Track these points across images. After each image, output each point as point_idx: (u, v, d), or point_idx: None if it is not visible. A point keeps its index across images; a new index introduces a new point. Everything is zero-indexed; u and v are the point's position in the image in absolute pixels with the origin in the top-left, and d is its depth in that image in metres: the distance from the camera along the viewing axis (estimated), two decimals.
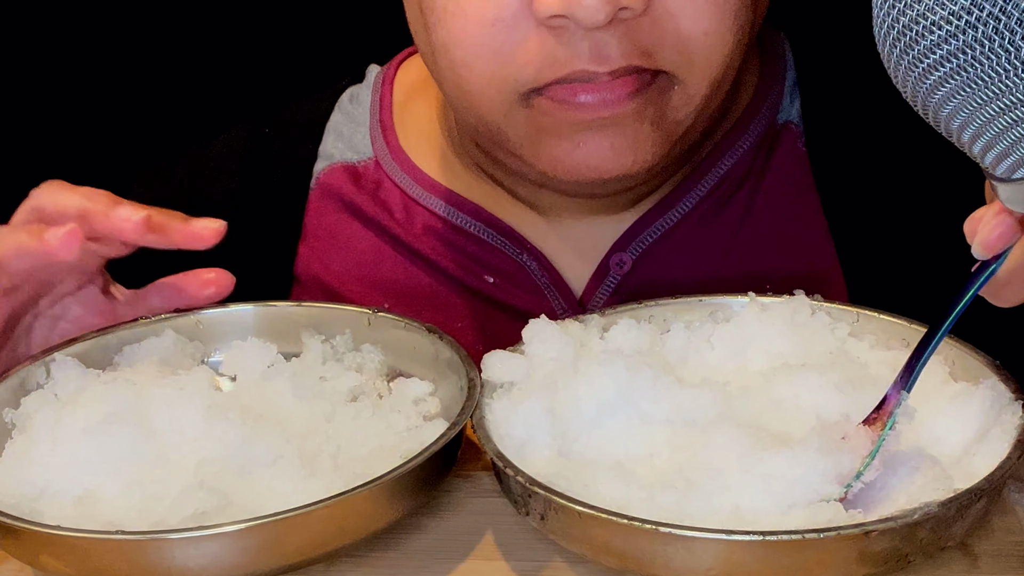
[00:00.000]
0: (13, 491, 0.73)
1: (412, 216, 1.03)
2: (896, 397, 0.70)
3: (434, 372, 0.82)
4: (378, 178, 1.05)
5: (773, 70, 1.01)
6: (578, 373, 0.75)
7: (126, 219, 0.81)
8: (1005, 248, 0.66)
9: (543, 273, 0.99)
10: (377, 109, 1.07)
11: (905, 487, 0.67)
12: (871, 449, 0.69)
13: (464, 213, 1.01)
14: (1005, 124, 0.62)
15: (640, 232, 0.98)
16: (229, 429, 0.74)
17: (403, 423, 0.78)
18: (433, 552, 0.74)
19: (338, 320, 0.86)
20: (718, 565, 0.64)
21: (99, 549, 0.67)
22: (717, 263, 0.96)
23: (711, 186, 0.98)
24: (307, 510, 0.67)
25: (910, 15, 0.63)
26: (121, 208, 0.82)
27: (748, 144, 0.99)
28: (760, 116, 1.00)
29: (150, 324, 0.86)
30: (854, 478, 0.68)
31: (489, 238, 1.01)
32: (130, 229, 0.82)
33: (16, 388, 0.81)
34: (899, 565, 0.64)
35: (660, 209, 0.98)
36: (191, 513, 0.69)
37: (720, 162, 0.98)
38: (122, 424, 0.74)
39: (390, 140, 1.05)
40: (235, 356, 0.84)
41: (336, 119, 1.08)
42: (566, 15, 0.81)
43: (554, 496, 0.67)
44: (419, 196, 1.03)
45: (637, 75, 0.85)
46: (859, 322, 0.81)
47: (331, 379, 0.83)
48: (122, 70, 1.68)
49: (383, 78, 1.09)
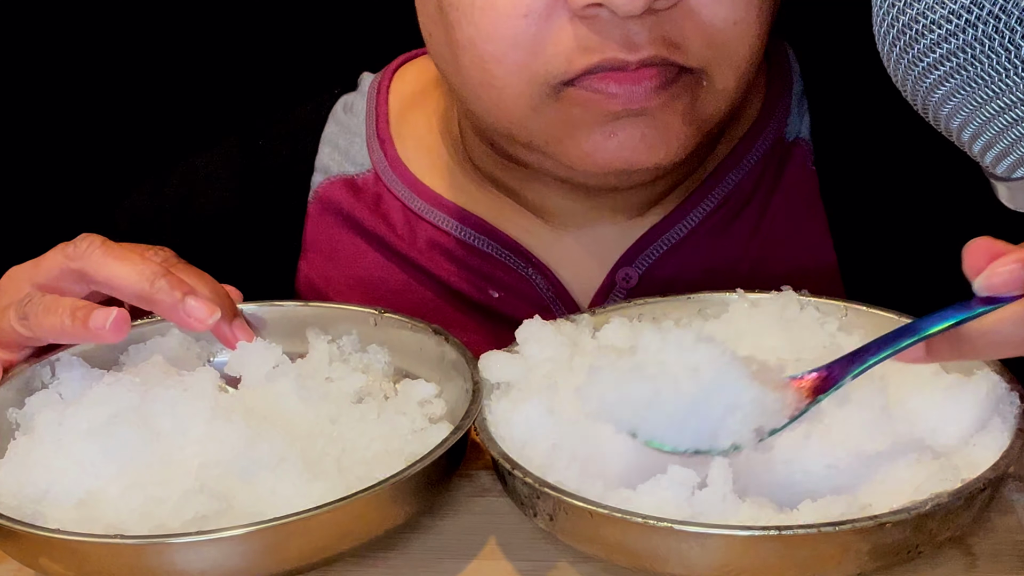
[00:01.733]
0: (16, 493, 0.72)
1: (415, 230, 1.01)
2: (841, 376, 0.70)
3: (440, 373, 0.82)
4: (378, 191, 1.03)
5: (780, 82, 1.01)
6: (575, 372, 0.76)
7: (200, 320, 0.80)
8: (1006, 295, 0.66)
9: (549, 287, 0.99)
10: (373, 119, 1.05)
11: (910, 478, 0.68)
12: (798, 411, 0.69)
13: (468, 227, 1.00)
14: (1004, 123, 0.63)
15: (646, 246, 0.97)
16: (233, 432, 0.74)
17: (408, 425, 0.78)
18: (433, 552, 0.74)
19: (344, 320, 0.86)
20: (733, 561, 0.64)
21: (98, 553, 0.67)
22: (724, 279, 0.96)
23: (719, 200, 0.98)
24: (308, 515, 0.67)
25: (910, 14, 0.63)
26: (194, 306, 0.80)
27: (756, 158, 0.99)
28: (768, 130, 0.99)
29: (156, 324, 0.85)
30: (768, 434, 0.68)
31: (494, 252, 1.00)
32: (199, 328, 0.81)
33: (21, 388, 0.81)
34: (909, 556, 0.65)
35: (667, 223, 0.98)
36: (192, 517, 0.69)
37: (728, 176, 0.98)
38: (125, 426, 0.74)
39: (388, 151, 1.04)
40: (240, 357, 0.83)
41: (330, 130, 1.06)
42: (603, 3, 0.80)
43: (565, 497, 0.67)
44: (421, 210, 1.01)
45: (665, 68, 0.84)
46: (847, 316, 0.82)
47: (337, 380, 0.82)
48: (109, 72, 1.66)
49: (378, 87, 1.07)
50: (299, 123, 1.08)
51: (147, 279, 0.80)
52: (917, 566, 0.69)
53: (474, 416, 0.75)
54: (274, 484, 0.72)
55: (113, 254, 0.81)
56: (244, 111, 1.14)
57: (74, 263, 0.81)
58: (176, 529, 0.68)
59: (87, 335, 0.79)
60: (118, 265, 0.81)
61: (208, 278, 0.84)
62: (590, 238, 0.99)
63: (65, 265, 0.82)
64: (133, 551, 0.66)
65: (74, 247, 0.82)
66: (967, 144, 0.66)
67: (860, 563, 0.64)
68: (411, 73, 1.07)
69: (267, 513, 0.67)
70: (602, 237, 0.99)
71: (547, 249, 1.00)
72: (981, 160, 0.66)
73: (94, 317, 0.78)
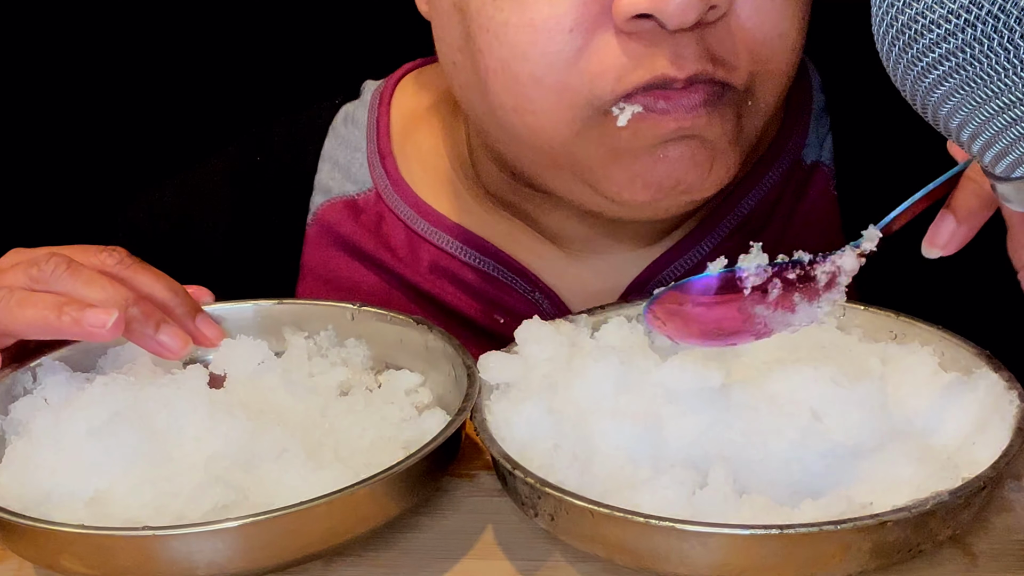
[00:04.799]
0: (19, 496, 0.72)
1: (417, 253, 0.99)
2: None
3: (423, 363, 0.83)
4: (379, 211, 1.01)
5: (798, 102, 0.98)
6: (574, 372, 0.76)
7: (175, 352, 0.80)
8: None
9: (556, 312, 0.96)
10: (375, 134, 1.02)
11: (910, 477, 0.68)
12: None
13: (473, 249, 0.98)
14: (1004, 123, 0.63)
15: (658, 272, 0.95)
16: (234, 425, 0.75)
17: (398, 414, 0.79)
18: (432, 551, 0.74)
19: (320, 316, 0.86)
20: (735, 559, 0.64)
21: (125, 546, 0.67)
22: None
23: (735, 225, 0.95)
24: (330, 498, 0.68)
25: (909, 13, 0.63)
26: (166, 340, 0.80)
27: (773, 181, 0.96)
28: (786, 153, 0.97)
29: None
30: None
31: (500, 275, 0.97)
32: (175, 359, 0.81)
33: (3, 395, 0.80)
34: (910, 555, 0.66)
35: (679, 249, 0.95)
36: (211, 507, 0.69)
37: (744, 201, 0.95)
38: (125, 424, 0.74)
39: (390, 169, 1.01)
40: (225, 354, 0.84)
41: (330, 145, 1.04)
42: (652, 14, 0.77)
43: (566, 497, 0.67)
44: (424, 231, 0.99)
45: (710, 85, 0.81)
46: (845, 315, 0.82)
47: (318, 375, 0.83)
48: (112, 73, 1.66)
49: (380, 99, 1.04)
50: (298, 137, 1.05)
51: (122, 307, 0.78)
52: (917, 565, 0.69)
53: (474, 398, 0.75)
54: (279, 475, 0.73)
55: (82, 279, 0.79)
56: (248, 113, 1.13)
57: (38, 286, 0.79)
58: (196, 520, 0.68)
59: (79, 332, 0.77)
60: (87, 291, 0.79)
61: (164, 277, 0.83)
62: (602, 264, 0.97)
63: (29, 287, 0.79)
64: (161, 542, 0.66)
65: (38, 269, 0.79)
66: (966, 143, 0.66)
67: (861, 562, 0.64)
68: (415, 85, 1.05)
69: (280, 502, 0.68)
70: (614, 263, 0.97)
71: (556, 274, 0.97)
72: (980, 159, 0.66)
73: (90, 315, 0.77)
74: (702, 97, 0.81)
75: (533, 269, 0.97)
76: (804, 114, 0.98)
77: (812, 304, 0.70)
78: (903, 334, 0.80)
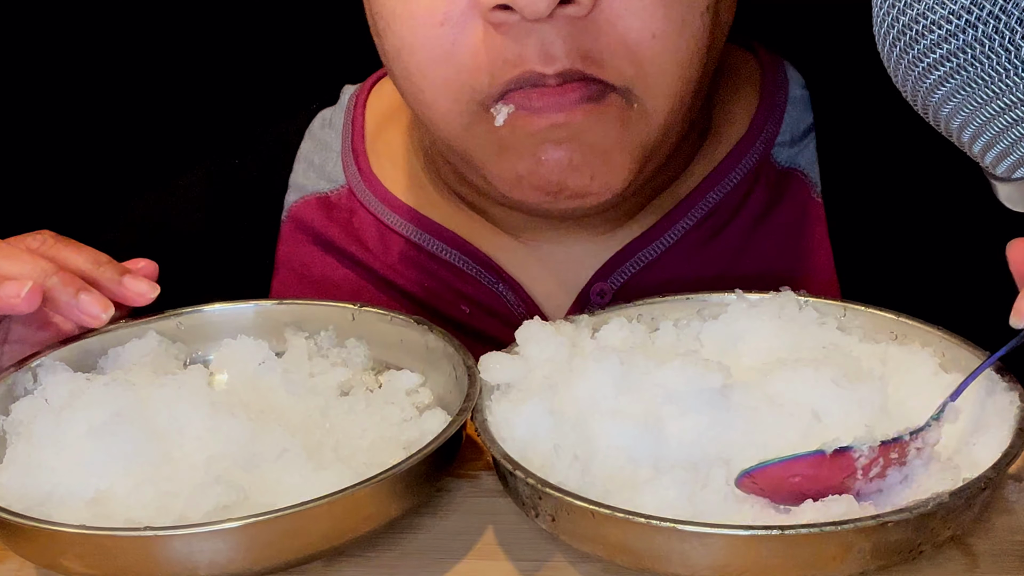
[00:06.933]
0: (20, 497, 0.72)
1: (387, 245, 1.01)
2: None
3: (423, 363, 0.83)
4: (351, 206, 1.03)
5: (769, 103, 0.99)
6: (575, 372, 0.76)
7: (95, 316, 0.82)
8: None
9: (519, 303, 0.98)
10: (349, 134, 1.05)
11: (910, 478, 0.68)
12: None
13: (440, 241, 1.00)
14: (1005, 124, 0.63)
15: (622, 262, 0.97)
16: (235, 425, 0.75)
17: (399, 414, 0.79)
18: (433, 551, 0.74)
19: (321, 316, 0.87)
20: (735, 560, 0.64)
21: (126, 547, 0.67)
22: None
23: (699, 218, 0.97)
24: (331, 499, 0.68)
25: (910, 14, 0.63)
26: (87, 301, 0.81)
27: (738, 178, 0.97)
28: (753, 151, 0.98)
29: (132, 327, 0.85)
30: None
31: (464, 267, 0.99)
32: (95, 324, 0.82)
33: (3, 395, 0.80)
34: (911, 555, 0.65)
35: (643, 239, 0.97)
36: (213, 507, 0.69)
37: (709, 195, 0.97)
38: (126, 425, 0.74)
39: (362, 166, 1.03)
40: (225, 354, 0.84)
41: (306, 147, 1.06)
42: (509, 4, 0.79)
43: (567, 497, 0.67)
44: (393, 223, 1.01)
45: (588, 85, 0.83)
46: (846, 316, 0.82)
47: (319, 375, 0.83)
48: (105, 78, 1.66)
49: (355, 101, 1.07)
50: (275, 141, 1.08)
51: (40, 277, 0.80)
52: (918, 566, 0.69)
53: (475, 398, 0.75)
54: (280, 475, 0.73)
55: (1, 255, 0.81)
56: (233, 118, 1.14)
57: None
58: (198, 520, 0.68)
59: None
60: (7, 264, 0.81)
61: (88, 249, 0.84)
62: (563, 254, 0.99)
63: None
64: (162, 543, 0.66)
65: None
66: (967, 144, 0.66)
67: (862, 562, 0.64)
68: (389, 86, 1.05)
69: (281, 502, 0.68)
70: (575, 253, 0.98)
71: (519, 265, 0.99)
72: (981, 160, 0.66)
73: (6, 286, 0.78)
74: (577, 96, 0.83)
75: (498, 261, 0.99)
76: (775, 114, 0.99)
77: (901, 470, 0.70)
78: (903, 334, 0.80)
